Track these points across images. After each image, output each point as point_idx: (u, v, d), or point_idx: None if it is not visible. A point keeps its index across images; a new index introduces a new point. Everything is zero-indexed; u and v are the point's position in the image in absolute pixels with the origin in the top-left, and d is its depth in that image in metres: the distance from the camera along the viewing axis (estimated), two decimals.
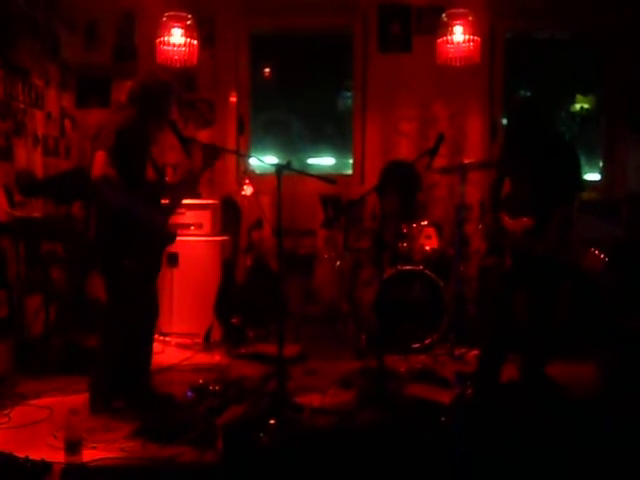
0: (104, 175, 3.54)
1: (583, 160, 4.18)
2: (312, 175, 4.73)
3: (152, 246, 3.87)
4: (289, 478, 3.05)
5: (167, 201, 4.04)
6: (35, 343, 4.96)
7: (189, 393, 4.04)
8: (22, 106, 5.47)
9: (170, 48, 5.83)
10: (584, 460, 3.11)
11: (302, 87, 6.97)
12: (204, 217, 5.74)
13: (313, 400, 4.03)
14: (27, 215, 5.21)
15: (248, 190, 5.45)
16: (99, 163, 3.55)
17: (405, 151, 6.46)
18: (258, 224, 5.86)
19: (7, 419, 3.72)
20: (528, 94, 6.42)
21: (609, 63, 6.59)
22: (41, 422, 3.68)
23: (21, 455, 3.04)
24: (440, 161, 5.32)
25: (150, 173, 3.91)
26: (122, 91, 6.43)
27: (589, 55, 6.74)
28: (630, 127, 6.49)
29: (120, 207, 3.63)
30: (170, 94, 3.97)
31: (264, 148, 7.01)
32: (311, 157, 7.16)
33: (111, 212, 3.67)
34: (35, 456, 3.04)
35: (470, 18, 5.83)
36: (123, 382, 3.85)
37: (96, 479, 3.04)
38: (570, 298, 5.25)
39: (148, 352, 4.08)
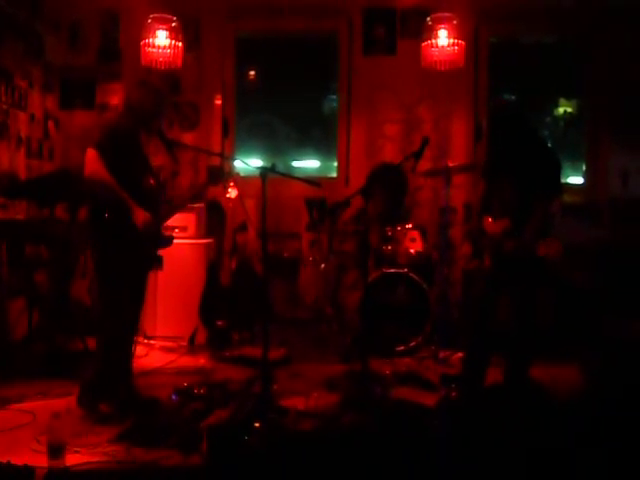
0: (94, 171, 3.60)
1: (566, 164, 4.21)
2: (297, 178, 4.75)
3: (143, 245, 3.86)
4: None
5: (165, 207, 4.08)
6: (18, 347, 4.94)
7: (174, 396, 4.02)
8: (5, 107, 5.43)
9: (155, 50, 5.81)
10: (568, 461, 3.13)
11: (287, 90, 6.97)
12: (189, 220, 5.72)
13: (298, 403, 4.02)
14: (10, 217, 5.17)
15: (233, 193, 5.43)
16: (89, 160, 3.62)
17: (390, 154, 6.48)
18: (243, 227, 5.86)
19: None
20: (510, 97, 6.46)
21: (592, 67, 6.65)
22: (24, 426, 3.65)
23: (3, 460, 3.02)
24: (425, 164, 5.34)
25: (149, 180, 3.92)
26: (106, 93, 6.47)
27: (573, 59, 6.79)
28: (613, 131, 6.55)
29: (110, 201, 3.65)
30: (163, 101, 4.00)
31: (249, 151, 7.01)
32: (296, 160, 7.16)
33: (104, 209, 3.70)
34: (17, 461, 3.02)
35: (455, 22, 5.86)
36: (110, 383, 3.84)
37: None
38: (554, 301, 5.29)
39: (131, 353, 4.07)
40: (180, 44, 5.89)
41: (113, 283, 3.81)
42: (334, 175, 6.85)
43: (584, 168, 6.80)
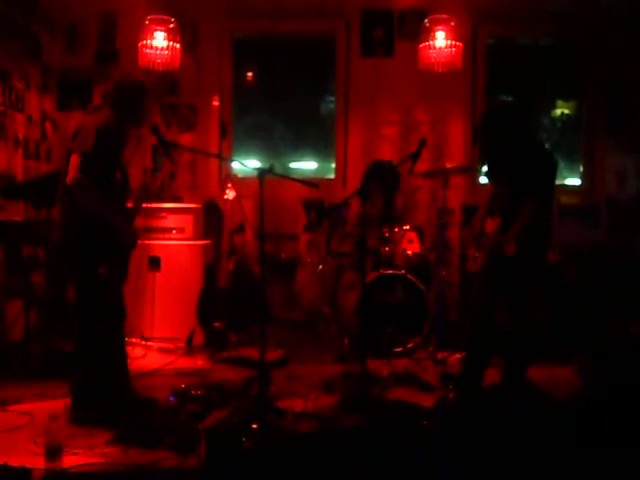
0: (77, 179, 3.56)
1: (564, 165, 4.21)
2: (294, 179, 4.74)
3: (120, 251, 3.86)
4: None
5: (131, 205, 4.07)
6: (15, 348, 4.92)
7: (171, 398, 4.01)
8: (2, 108, 5.42)
9: (152, 51, 5.82)
10: (564, 462, 3.13)
11: (285, 91, 6.97)
12: (186, 221, 5.73)
13: (295, 404, 4.02)
14: (7, 219, 5.16)
15: (230, 194, 5.44)
16: (73, 167, 3.57)
17: (387, 155, 6.47)
18: (240, 228, 5.86)
19: None
20: (507, 98, 6.49)
21: (589, 69, 6.66)
22: (21, 428, 3.64)
23: (0, 462, 3.01)
24: (422, 166, 5.34)
25: (117, 175, 3.89)
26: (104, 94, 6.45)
27: (570, 61, 6.80)
28: (609, 132, 6.56)
29: (92, 213, 3.63)
30: (144, 94, 3.97)
31: (247, 152, 7.01)
32: (293, 161, 7.16)
33: (80, 217, 3.66)
34: (14, 463, 3.02)
35: (452, 24, 5.87)
36: (102, 388, 3.82)
37: None
38: (549, 301, 5.29)
39: (122, 356, 4.04)
40: (178, 45, 5.90)
41: (90, 291, 3.78)
42: (332, 176, 6.86)
43: (581, 169, 6.81)
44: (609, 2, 6.30)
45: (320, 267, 5.91)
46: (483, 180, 6.33)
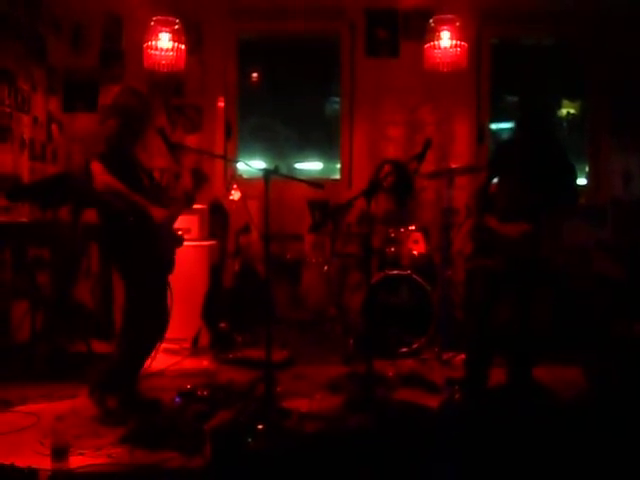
0: (104, 183, 3.63)
1: None
2: (300, 180, 4.74)
3: (160, 245, 3.90)
4: None
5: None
6: (21, 349, 4.94)
7: (177, 398, 4.03)
8: (8, 110, 5.44)
9: (158, 53, 5.83)
10: (571, 463, 3.12)
11: (290, 92, 6.98)
12: (192, 222, 5.73)
13: (301, 405, 4.02)
14: (13, 220, 5.18)
15: (236, 195, 5.44)
16: (97, 173, 3.64)
17: (393, 156, 6.47)
18: (246, 229, 5.86)
19: None
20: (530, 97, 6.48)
21: (593, 69, 6.65)
22: (27, 429, 3.65)
23: (7, 462, 3.03)
24: (427, 166, 5.34)
25: (145, 181, 3.94)
26: (109, 95, 6.46)
27: (575, 60, 6.78)
28: (614, 132, 6.54)
29: (124, 207, 3.68)
30: (148, 109, 4.06)
31: (252, 153, 7.01)
32: (299, 162, 7.17)
33: (116, 214, 3.72)
34: (21, 463, 3.02)
35: (457, 24, 5.87)
36: (122, 381, 3.86)
37: None
38: (554, 301, 5.28)
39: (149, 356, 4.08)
40: (183, 46, 5.91)
41: (138, 288, 3.83)
42: (337, 177, 6.86)
43: (587, 169, 6.80)
44: (609, 2, 6.29)
45: (325, 268, 5.91)
46: None
